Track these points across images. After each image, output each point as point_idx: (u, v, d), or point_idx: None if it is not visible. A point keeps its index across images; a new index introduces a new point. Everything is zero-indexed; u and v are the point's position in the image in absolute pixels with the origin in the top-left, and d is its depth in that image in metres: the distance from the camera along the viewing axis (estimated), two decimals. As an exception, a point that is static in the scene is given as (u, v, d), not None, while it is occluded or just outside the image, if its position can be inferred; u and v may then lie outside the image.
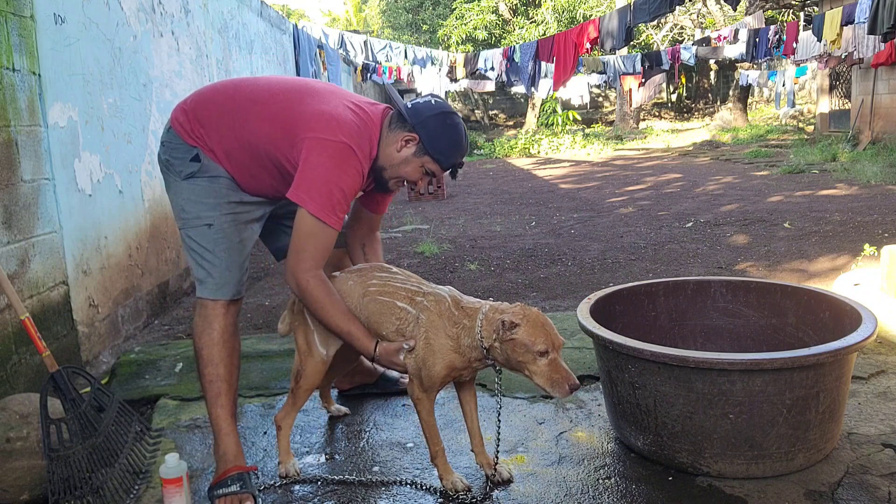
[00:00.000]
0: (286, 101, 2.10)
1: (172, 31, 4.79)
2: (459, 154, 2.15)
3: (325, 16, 40.15)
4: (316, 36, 11.26)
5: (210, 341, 2.13)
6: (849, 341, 1.99)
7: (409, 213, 8.36)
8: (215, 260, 2.13)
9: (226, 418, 2.11)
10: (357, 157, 2.04)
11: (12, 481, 2.02)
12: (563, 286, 4.58)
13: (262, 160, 2.10)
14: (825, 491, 1.94)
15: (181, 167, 2.13)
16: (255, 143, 2.08)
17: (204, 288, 2.15)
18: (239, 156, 2.11)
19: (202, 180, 2.13)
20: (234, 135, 2.09)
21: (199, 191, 2.13)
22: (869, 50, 11.58)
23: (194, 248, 2.15)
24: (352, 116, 2.07)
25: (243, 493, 2.01)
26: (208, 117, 2.13)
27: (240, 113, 2.10)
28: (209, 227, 2.13)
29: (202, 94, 2.22)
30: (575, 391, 1.82)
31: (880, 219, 6.24)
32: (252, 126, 2.08)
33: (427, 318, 1.98)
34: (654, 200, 8.42)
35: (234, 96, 2.15)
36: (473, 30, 23.52)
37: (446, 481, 2.03)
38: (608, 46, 10.22)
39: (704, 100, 28.12)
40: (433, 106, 2.11)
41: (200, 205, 2.13)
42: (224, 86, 2.24)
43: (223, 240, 2.14)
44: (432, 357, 1.96)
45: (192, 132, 2.13)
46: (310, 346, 2.16)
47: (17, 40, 2.80)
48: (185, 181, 2.13)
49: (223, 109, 2.13)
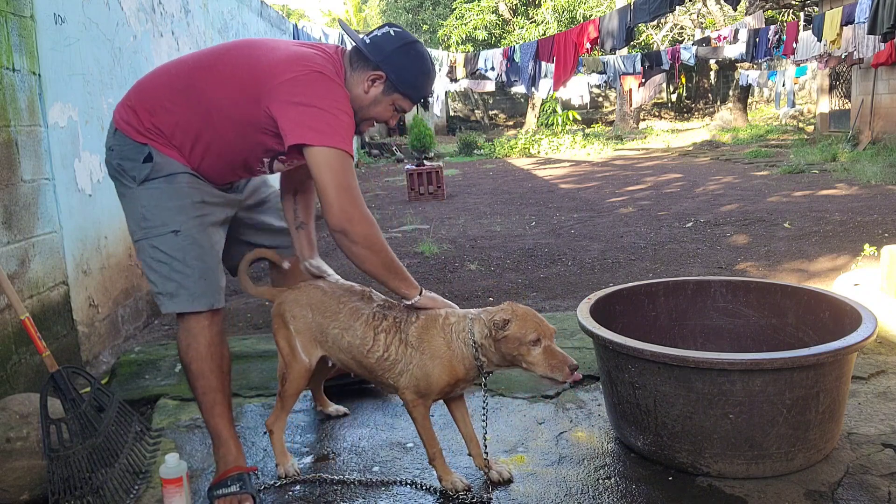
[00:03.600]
0: (236, 58, 1.96)
1: (172, 31, 4.79)
2: (430, 84, 2.04)
3: (325, 16, 40.16)
4: (316, 36, 11.25)
5: (197, 356, 2.06)
6: (849, 341, 1.99)
7: (408, 213, 8.36)
8: (186, 269, 2.00)
9: (224, 425, 2.10)
10: (335, 81, 1.90)
11: (12, 481, 2.02)
12: (563, 286, 4.58)
13: (228, 128, 1.95)
14: (825, 491, 1.94)
15: (134, 171, 1.99)
16: (219, 111, 1.93)
17: (177, 301, 2.01)
18: (205, 134, 1.96)
19: (159, 182, 1.99)
20: (194, 111, 1.95)
21: (158, 195, 1.99)
22: (869, 50, 11.58)
23: (160, 260, 2.00)
24: (312, 52, 1.94)
25: (243, 493, 2.00)
26: (159, 103, 1.97)
27: (192, 85, 1.95)
28: (176, 233, 1.99)
29: (142, 85, 2.07)
30: (575, 371, 1.85)
31: (880, 219, 6.24)
32: (211, 94, 1.93)
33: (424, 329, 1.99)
34: (654, 200, 8.42)
35: (178, 73, 2.01)
36: (473, 30, 23.53)
37: (446, 482, 2.03)
38: (608, 46, 10.23)
39: (704, 100, 28.12)
40: (393, 38, 1.96)
41: (163, 210, 1.99)
42: (163, 69, 2.09)
43: (193, 246, 2.01)
44: (435, 369, 1.96)
45: (140, 127, 1.98)
46: (293, 350, 2.13)
47: (17, 40, 2.80)
48: (140, 187, 1.99)
49: (173, 89, 1.98)
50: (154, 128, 1.98)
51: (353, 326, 2.04)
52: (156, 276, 2.03)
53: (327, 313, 2.09)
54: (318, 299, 2.12)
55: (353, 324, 2.05)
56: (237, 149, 2.02)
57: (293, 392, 2.18)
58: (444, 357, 1.95)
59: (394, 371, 2.00)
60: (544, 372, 1.86)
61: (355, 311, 2.06)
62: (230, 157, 2.05)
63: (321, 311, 2.10)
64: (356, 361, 2.07)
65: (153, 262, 2.02)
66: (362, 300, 2.10)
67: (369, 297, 2.11)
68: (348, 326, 2.05)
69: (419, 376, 1.97)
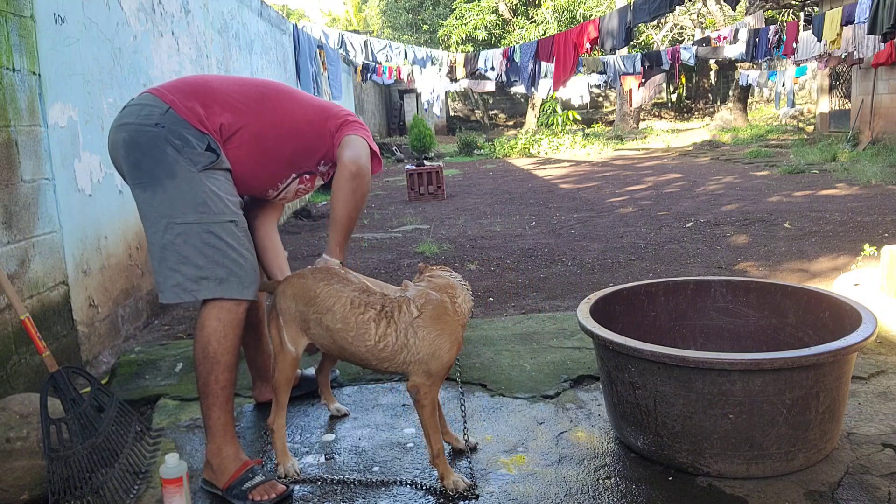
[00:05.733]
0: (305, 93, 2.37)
1: (172, 32, 4.79)
2: None
3: (325, 16, 40.17)
4: (316, 36, 11.25)
5: (231, 347, 2.06)
6: (849, 341, 1.99)
7: (409, 213, 8.36)
8: (240, 259, 2.07)
9: (232, 422, 2.12)
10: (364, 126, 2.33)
11: (12, 481, 2.02)
12: (563, 286, 4.58)
13: (288, 140, 2.20)
14: (825, 491, 1.94)
15: (197, 156, 2.03)
16: (291, 125, 2.20)
17: (225, 287, 2.04)
18: (261, 142, 2.16)
19: (220, 174, 2.08)
20: (261, 117, 2.16)
21: (220, 185, 2.07)
22: (869, 50, 11.59)
23: (214, 245, 2.03)
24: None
25: (269, 480, 2.04)
26: (231, 102, 2.14)
27: (267, 96, 2.21)
28: (235, 223, 2.08)
29: (208, 83, 2.20)
30: None
31: (880, 219, 6.25)
32: (287, 108, 2.21)
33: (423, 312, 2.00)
34: (654, 200, 8.42)
35: (247, 83, 2.27)
36: (473, 30, 23.55)
37: (447, 481, 2.02)
38: (608, 46, 10.22)
39: (704, 100, 28.14)
40: None
41: (224, 201, 2.06)
42: (224, 77, 2.33)
43: (246, 238, 2.12)
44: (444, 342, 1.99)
45: (203, 118, 2.07)
46: (282, 341, 2.16)
47: (17, 40, 2.80)
48: (202, 173, 2.04)
49: (245, 95, 2.18)
50: (214, 124, 2.10)
51: (333, 310, 2.05)
52: (204, 261, 2.03)
53: (307, 300, 2.11)
54: (300, 287, 2.14)
55: (332, 307, 2.05)
56: (283, 162, 2.24)
57: (283, 382, 2.19)
58: (454, 323, 2.01)
59: (396, 360, 2.01)
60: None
61: (334, 295, 2.07)
62: (271, 167, 2.23)
63: (302, 299, 2.11)
64: (338, 347, 2.08)
65: (204, 247, 2.03)
66: (342, 283, 2.10)
67: (347, 280, 2.12)
68: (326, 310, 2.06)
69: (431, 355, 1.98)
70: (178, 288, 2.05)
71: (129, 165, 2.08)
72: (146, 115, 2.07)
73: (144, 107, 2.09)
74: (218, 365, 2.06)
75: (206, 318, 2.07)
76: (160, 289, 2.08)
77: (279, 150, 2.20)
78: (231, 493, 2.03)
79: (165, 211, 2.04)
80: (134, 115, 2.09)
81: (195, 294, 2.05)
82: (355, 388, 2.85)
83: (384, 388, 2.84)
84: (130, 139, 2.06)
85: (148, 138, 2.04)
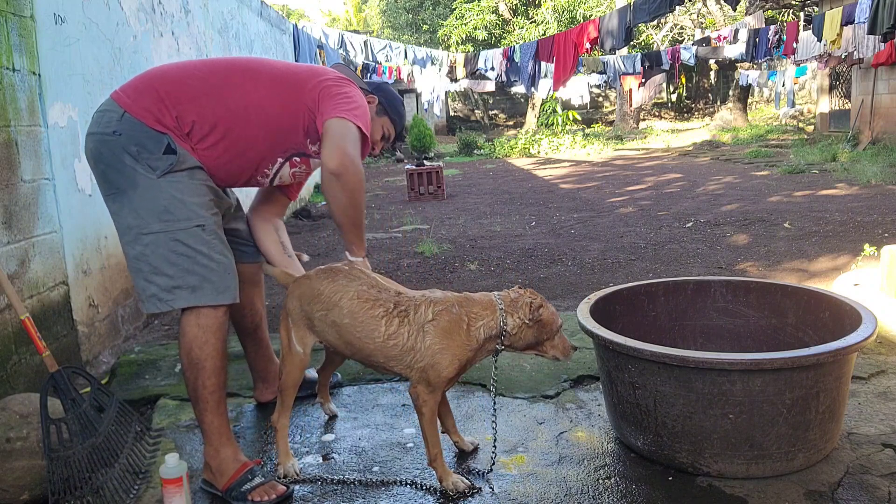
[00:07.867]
0: (271, 65, 2.21)
1: (172, 31, 4.79)
2: (405, 117, 2.46)
3: (325, 16, 40.17)
4: (316, 36, 11.26)
5: (214, 352, 2.04)
6: (849, 341, 1.99)
7: (409, 213, 8.36)
8: (211, 263, 2.02)
9: (226, 423, 2.12)
10: (356, 85, 2.22)
11: (12, 481, 2.02)
12: (563, 286, 4.58)
13: (261, 127, 2.09)
14: (825, 491, 1.94)
15: (155, 161, 1.97)
16: (259, 109, 2.08)
17: (199, 294, 2.01)
18: (233, 131, 2.06)
19: (182, 175, 2.00)
20: (227, 107, 2.05)
21: (183, 188, 2.00)
22: (869, 50, 11.59)
23: (182, 253, 1.99)
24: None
25: (268, 481, 2.04)
26: (189, 95, 2.03)
27: (231, 82, 2.09)
28: (202, 228, 2.02)
29: (168, 75, 2.10)
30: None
31: (880, 219, 6.25)
32: (253, 93, 2.08)
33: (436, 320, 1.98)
34: (654, 200, 8.42)
35: (211, 71, 2.13)
36: (473, 30, 23.54)
37: (447, 483, 2.02)
38: (608, 46, 10.23)
39: (704, 100, 28.14)
40: (377, 80, 2.37)
41: (188, 204, 2.00)
42: (188, 64, 2.21)
43: (217, 241, 2.06)
44: (445, 357, 1.96)
45: (160, 115, 2.00)
46: (290, 342, 2.16)
47: (17, 40, 2.80)
48: (162, 178, 1.98)
49: (207, 84, 2.07)
50: (175, 119, 2.01)
51: (339, 305, 2.04)
52: (174, 270, 1.99)
53: (311, 298, 2.10)
54: (305, 287, 2.14)
55: (338, 302, 2.05)
56: (261, 148, 2.14)
57: (290, 384, 2.19)
58: (462, 345, 1.98)
59: (403, 361, 2.00)
60: (559, 355, 2.09)
61: (340, 290, 2.06)
62: (249, 156, 2.14)
63: (307, 298, 2.11)
64: (346, 342, 2.06)
65: (172, 256, 1.99)
66: (347, 279, 2.09)
67: (354, 276, 2.11)
68: (333, 306, 2.05)
69: (431, 366, 1.97)
70: (155, 299, 2.03)
71: (98, 177, 2.08)
72: (106, 122, 2.04)
73: (105, 113, 2.06)
74: (203, 371, 2.04)
75: (186, 325, 2.05)
76: (140, 299, 2.08)
77: (253, 138, 2.10)
78: (231, 495, 2.03)
79: (133, 222, 2.01)
80: (97, 122, 2.07)
81: (171, 304, 2.02)
82: (355, 388, 2.86)
83: (384, 388, 2.84)
84: (95, 150, 2.05)
85: (108, 149, 2.02)
